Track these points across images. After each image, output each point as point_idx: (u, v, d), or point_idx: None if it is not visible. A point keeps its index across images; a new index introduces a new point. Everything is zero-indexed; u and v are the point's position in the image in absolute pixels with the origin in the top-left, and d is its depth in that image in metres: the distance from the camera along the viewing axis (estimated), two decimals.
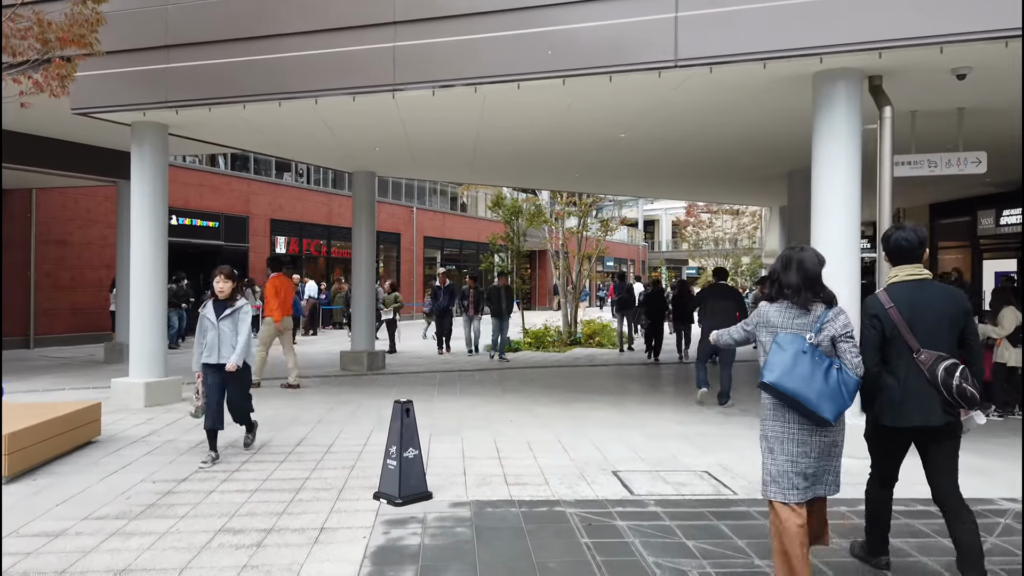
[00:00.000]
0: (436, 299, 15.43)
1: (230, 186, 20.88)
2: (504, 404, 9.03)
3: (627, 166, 12.00)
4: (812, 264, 3.41)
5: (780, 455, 3.37)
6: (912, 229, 3.65)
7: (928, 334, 3.49)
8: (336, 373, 11.97)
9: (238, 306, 6.25)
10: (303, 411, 8.44)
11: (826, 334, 3.36)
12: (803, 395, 3.23)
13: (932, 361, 3.45)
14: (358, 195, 12.77)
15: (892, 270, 3.68)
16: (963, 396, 3.38)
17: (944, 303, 3.55)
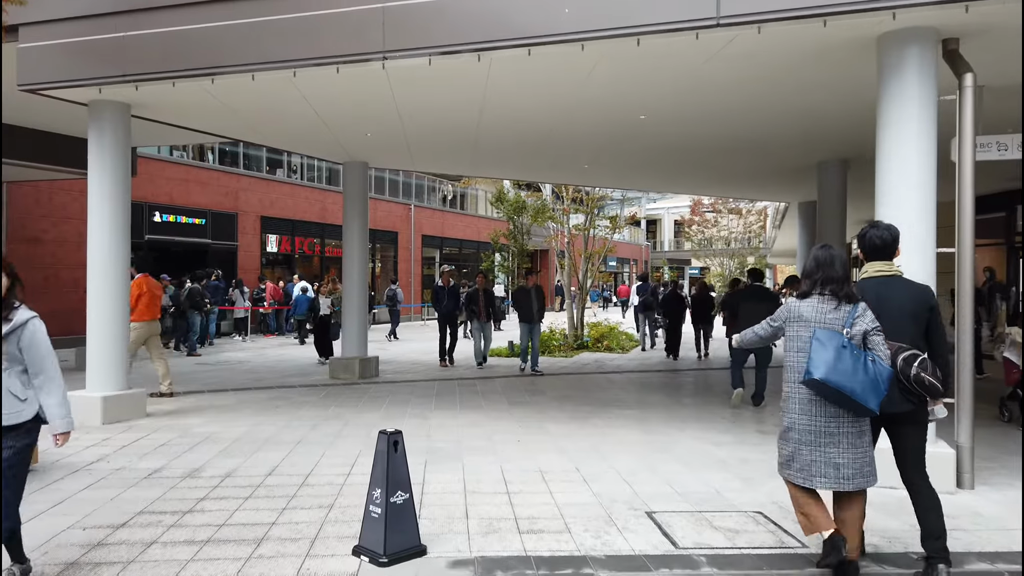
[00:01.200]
0: (439, 302, 13.14)
1: (218, 181, 19.84)
2: (510, 420, 8.00)
3: (643, 155, 10.97)
4: (841, 264, 3.64)
5: (814, 446, 3.53)
6: (886, 228, 3.84)
7: (892, 326, 3.66)
8: (325, 382, 10.93)
9: (20, 321, 3.46)
10: (283, 429, 7.41)
11: (859, 328, 3.52)
12: (849, 388, 3.36)
13: (894, 351, 3.60)
14: (350, 188, 11.74)
15: (864, 266, 3.91)
16: (921, 384, 3.53)
17: (908, 298, 3.77)
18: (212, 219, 19.51)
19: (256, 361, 13.89)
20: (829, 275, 3.61)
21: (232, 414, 8.19)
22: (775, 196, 16.49)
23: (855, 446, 3.51)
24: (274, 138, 10.40)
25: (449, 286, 13.24)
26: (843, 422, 3.51)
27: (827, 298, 3.58)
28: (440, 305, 13.12)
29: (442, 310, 13.09)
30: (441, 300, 13.13)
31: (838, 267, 3.62)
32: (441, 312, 13.10)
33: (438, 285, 13.57)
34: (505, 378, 11.54)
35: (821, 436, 3.53)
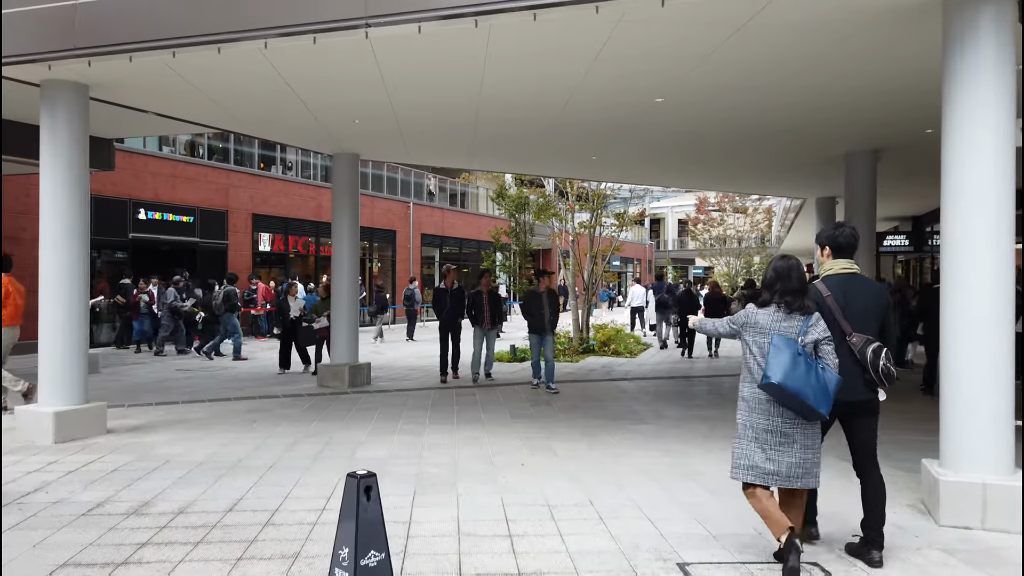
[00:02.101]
0: (440, 306, 11.22)
1: (207, 177, 19.01)
2: (512, 437, 7.16)
3: (656, 145, 10.13)
4: (799, 275, 3.76)
5: (767, 446, 3.71)
6: (852, 229, 4.10)
7: (858, 320, 3.87)
8: (311, 391, 10.10)
9: None
10: (256, 449, 6.57)
11: (811, 337, 3.70)
12: (804, 393, 3.54)
13: (862, 343, 3.80)
14: (339, 182, 10.90)
15: (827, 263, 4.11)
16: (886, 373, 3.76)
17: (871, 295, 3.99)
18: (200, 217, 18.69)
19: (242, 367, 13.05)
20: (787, 287, 3.77)
21: (202, 431, 7.36)
22: (792, 191, 15.64)
23: (807, 448, 3.73)
24: (256, 127, 9.57)
25: (452, 288, 11.25)
26: (797, 424, 3.72)
27: (783, 308, 3.76)
28: (441, 310, 11.21)
29: (444, 316, 11.19)
30: (443, 304, 11.16)
31: (795, 279, 3.78)
32: (442, 319, 11.22)
33: (439, 287, 11.63)
34: (506, 387, 10.70)
35: (777, 436, 3.72)
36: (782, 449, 3.71)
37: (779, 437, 3.71)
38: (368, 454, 6.42)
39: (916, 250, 20.18)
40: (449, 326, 11.15)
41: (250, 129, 9.71)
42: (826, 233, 4.19)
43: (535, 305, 10.25)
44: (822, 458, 3.96)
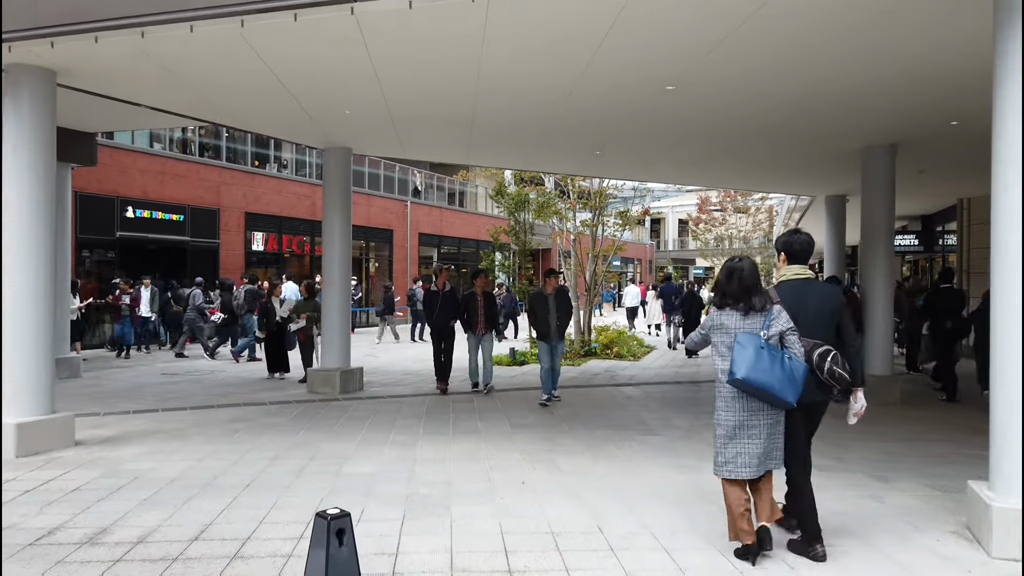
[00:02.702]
0: (430, 308, 10.14)
1: (198, 175, 18.49)
2: (512, 450, 6.65)
3: (664, 139, 9.62)
4: (750, 274, 3.95)
5: (737, 439, 3.92)
6: (807, 236, 4.24)
7: (808, 324, 4.00)
8: (300, 397, 9.59)
9: None
10: (235, 463, 6.06)
11: (775, 329, 3.90)
12: (768, 384, 3.73)
13: (809, 348, 3.94)
14: (331, 178, 10.39)
15: (782, 269, 4.25)
16: (832, 376, 3.90)
17: (822, 299, 4.13)
18: (191, 215, 18.16)
19: (231, 371, 12.55)
20: (730, 290, 3.96)
21: (178, 442, 6.85)
22: (802, 189, 15.13)
23: (771, 436, 3.93)
24: (241, 119, 9.05)
25: (445, 290, 10.23)
26: (761, 416, 3.90)
27: (740, 307, 3.92)
28: (432, 313, 10.16)
29: (435, 321, 10.13)
30: (433, 308, 10.13)
31: (748, 278, 3.93)
32: (434, 324, 10.19)
33: (431, 288, 10.53)
34: (506, 392, 10.19)
35: (743, 429, 3.90)
36: (750, 442, 3.92)
37: (745, 430, 3.91)
38: (355, 470, 5.91)
39: (926, 250, 19.70)
40: (440, 331, 10.16)
41: (235, 121, 9.19)
42: (782, 240, 4.29)
43: (541, 308, 9.12)
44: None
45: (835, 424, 8.17)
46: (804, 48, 5.95)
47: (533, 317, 9.29)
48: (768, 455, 3.94)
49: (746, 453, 3.90)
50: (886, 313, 9.76)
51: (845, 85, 7.03)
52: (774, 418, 3.93)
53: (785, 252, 4.23)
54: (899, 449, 6.83)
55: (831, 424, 8.07)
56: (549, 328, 9.09)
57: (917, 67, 6.41)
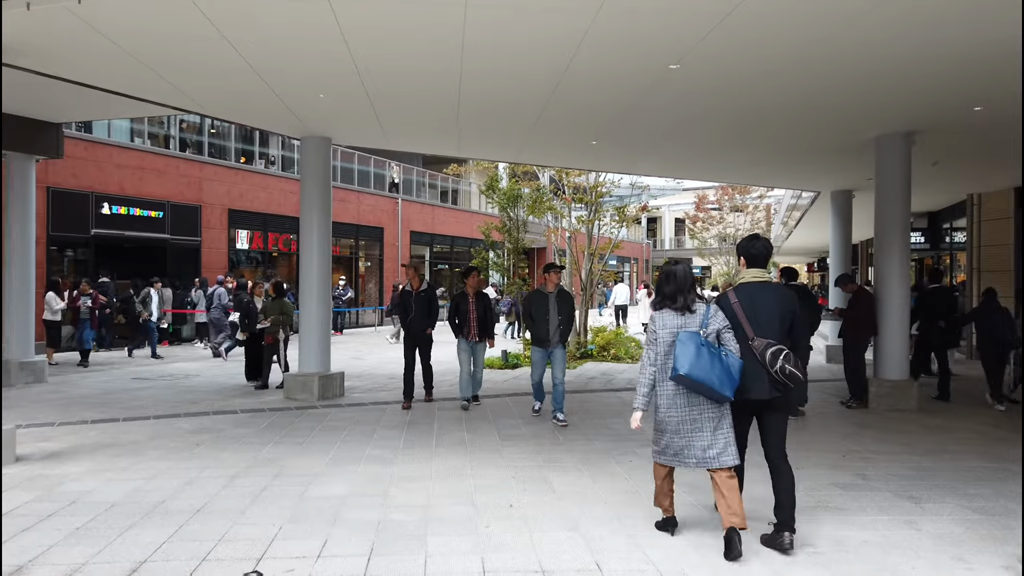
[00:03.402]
0: (405, 312, 8.81)
1: (178, 170, 17.79)
2: (501, 465, 6.01)
3: (665, 127, 8.98)
4: (683, 276, 4.25)
5: (682, 434, 4.12)
6: (765, 240, 4.41)
7: (763, 325, 4.18)
8: (275, 405, 8.93)
9: None
10: (189, 483, 5.41)
11: (713, 328, 4.14)
12: (709, 380, 3.94)
13: (763, 347, 4.10)
14: (308, 168, 9.75)
15: (743, 272, 4.42)
16: (783, 373, 4.04)
17: (778, 301, 4.26)
18: (171, 211, 17.46)
19: (207, 374, 11.89)
20: (679, 287, 4.21)
21: (131, 458, 6.19)
22: (807, 183, 14.51)
23: (717, 429, 4.09)
24: (208, 103, 8.37)
25: (419, 290, 8.80)
26: (704, 411, 4.09)
27: (677, 307, 4.18)
28: (406, 317, 8.80)
29: (409, 326, 8.78)
30: (408, 310, 8.80)
31: (681, 281, 4.21)
32: (406, 328, 8.85)
33: (404, 288, 8.99)
34: (496, 398, 9.55)
35: (687, 424, 4.09)
36: (695, 436, 4.11)
37: (689, 425, 4.11)
38: (323, 491, 5.26)
39: (932, 248, 19.13)
40: (415, 337, 8.77)
41: (204, 107, 8.52)
42: (742, 245, 4.47)
43: (539, 309, 7.89)
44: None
45: (856, 435, 7.59)
46: (810, 29, 5.32)
47: (530, 319, 8.01)
48: (723, 450, 4.09)
49: (691, 446, 4.11)
50: (901, 314, 9.14)
51: (860, 68, 6.42)
52: (718, 413, 4.12)
53: (745, 256, 4.44)
54: (926, 463, 6.22)
55: (851, 435, 7.49)
56: (548, 332, 7.86)
57: (940, 46, 5.79)
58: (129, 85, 7.41)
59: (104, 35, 5.77)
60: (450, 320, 8.68)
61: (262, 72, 6.84)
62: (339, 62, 6.46)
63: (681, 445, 4.14)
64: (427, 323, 8.77)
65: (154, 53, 6.36)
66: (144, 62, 6.55)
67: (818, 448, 6.80)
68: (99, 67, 6.73)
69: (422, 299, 8.75)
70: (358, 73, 6.76)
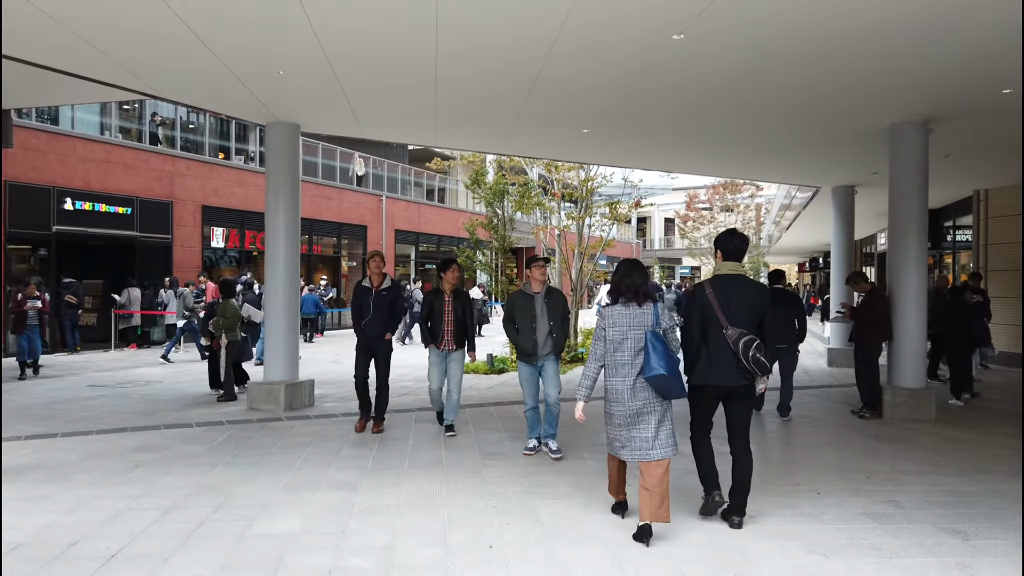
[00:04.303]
0: (359, 313, 7.28)
1: (147, 164, 16.91)
2: (482, 492, 5.25)
3: (664, 113, 8.23)
4: (641, 272, 4.40)
5: (632, 426, 4.29)
6: (742, 236, 4.65)
7: (736, 316, 4.38)
8: (236, 416, 8.13)
9: None
10: (115, 517, 4.61)
11: (664, 324, 4.34)
12: (677, 379, 4.19)
13: (736, 336, 4.32)
14: (274, 159, 8.95)
15: (719, 265, 4.63)
16: (756, 363, 4.28)
17: (751, 294, 4.49)
18: (141, 208, 16.58)
19: (169, 381, 11.05)
20: (632, 282, 4.38)
21: (55, 484, 5.38)
22: (808, 178, 13.81)
23: (660, 424, 4.29)
24: (160, 85, 7.55)
25: (380, 287, 7.32)
26: (649, 407, 4.28)
27: (632, 302, 4.35)
28: (360, 320, 7.29)
29: (364, 329, 7.25)
30: (362, 311, 7.28)
31: (637, 276, 4.39)
32: (362, 334, 7.28)
33: (362, 284, 7.45)
34: (479, 408, 8.78)
35: (634, 418, 4.29)
36: (640, 428, 4.27)
37: (636, 418, 4.27)
38: (270, 527, 4.48)
39: (934, 247, 18.50)
40: (369, 344, 7.27)
41: (156, 88, 7.68)
42: (720, 239, 4.66)
43: (523, 313, 6.37)
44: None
45: (876, 451, 6.81)
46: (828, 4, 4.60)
47: (511, 326, 6.51)
48: (664, 442, 4.27)
49: (637, 438, 4.27)
50: (918, 317, 8.45)
51: (876, 47, 5.71)
52: (662, 408, 4.30)
53: (722, 250, 4.63)
54: (962, 486, 5.51)
55: (870, 451, 6.67)
56: (535, 342, 6.30)
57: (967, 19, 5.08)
58: (66, 62, 6.59)
59: (35, 5, 4.96)
60: (421, 324, 7.23)
61: (219, 52, 6.06)
62: (302, 42, 5.69)
63: (627, 437, 4.31)
64: (386, 326, 7.33)
65: (96, 28, 5.56)
66: (82, 36, 5.75)
67: (837, 467, 6.08)
68: (32, 41, 5.90)
69: (383, 299, 7.28)
70: (320, 46, 5.96)
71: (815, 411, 8.83)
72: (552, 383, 6.39)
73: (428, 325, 7.13)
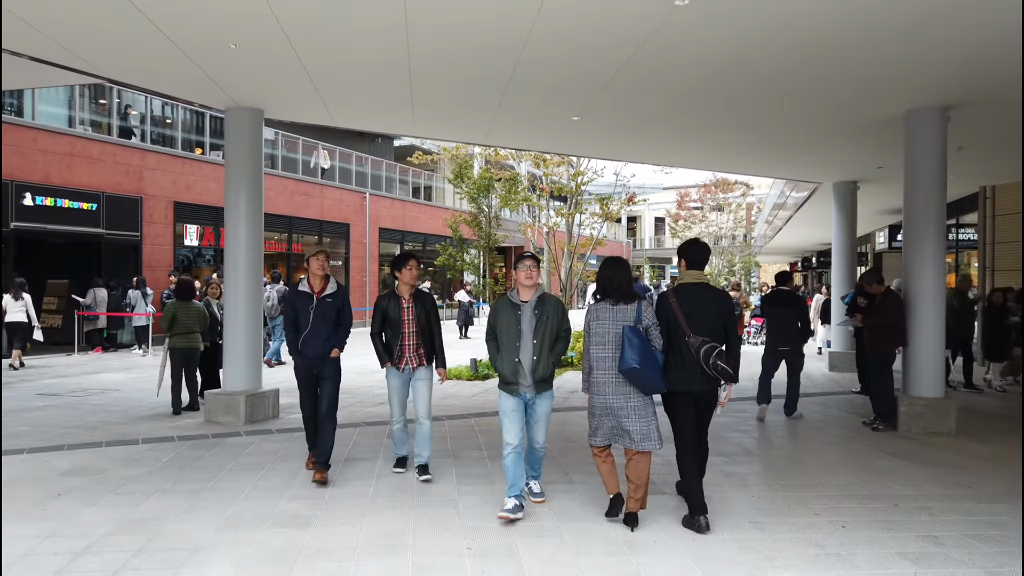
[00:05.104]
0: (294, 327, 5.53)
1: (114, 157, 16.07)
2: (454, 527, 4.51)
3: (662, 96, 7.52)
4: (625, 270, 4.49)
5: (609, 417, 4.40)
6: (704, 245, 4.85)
7: (699, 323, 4.47)
8: (191, 431, 7.35)
9: None
10: (9, 567, 3.84)
11: (646, 322, 4.40)
12: (651, 374, 4.25)
13: (698, 344, 4.40)
14: (233, 146, 8.17)
15: (683, 273, 4.76)
16: (717, 370, 4.35)
17: (713, 302, 4.58)
18: (107, 204, 15.74)
19: (126, 389, 10.26)
20: (616, 281, 4.45)
21: None
22: (809, 172, 13.13)
23: (642, 417, 4.36)
24: (102, 62, 6.76)
25: (323, 293, 5.54)
26: (631, 400, 4.37)
27: (613, 300, 4.42)
28: (297, 336, 5.51)
29: (300, 347, 5.52)
30: (301, 324, 5.50)
31: (621, 275, 4.47)
32: (299, 354, 5.55)
33: (299, 288, 5.60)
34: (459, 420, 8.04)
35: (617, 411, 4.37)
36: (623, 420, 4.37)
37: (620, 411, 4.37)
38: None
39: None
40: (309, 367, 5.54)
41: (95, 66, 6.88)
42: (683, 249, 4.79)
43: (508, 327, 4.76)
44: None
45: (899, 471, 5.97)
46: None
47: (492, 343, 4.89)
48: (646, 435, 4.33)
49: (620, 428, 4.37)
50: (936, 320, 7.78)
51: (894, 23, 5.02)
52: (643, 402, 4.38)
53: (685, 259, 4.75)
54: (1002, 515, 4.84)
55: (893, 471, 5.84)
56: (515, 367, 4.69)
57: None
58: (8, 37, 5.80)
59: None
60: (374, 336, 5.60)
61: (159, 23, 5.28)
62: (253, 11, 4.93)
63: (610, 426, 4.42)
64: (330, 344, 5.50)
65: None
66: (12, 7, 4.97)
67: (859, 491, 5.38)
68: None
69: (327, 308, 5.49)
70: (277, 21, 5.21)
71: (824, 422, 8.16)
72: (541, 427, 4.88)
73: (383, 339, 5.56)
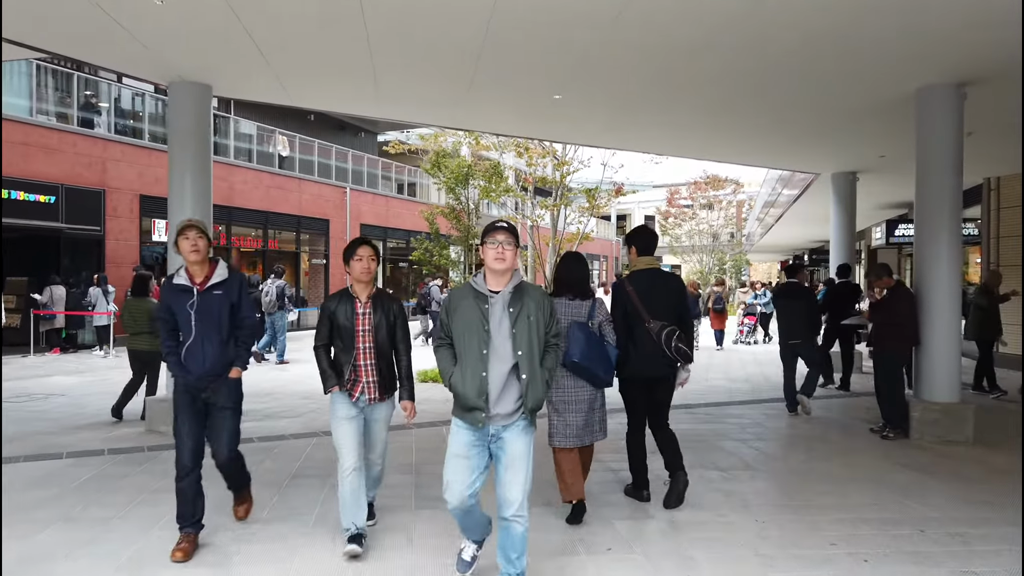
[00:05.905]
0: (172, 332, 3.98)
1: (74, 147, 15.20)
2: (407, 565, 3.77)
3: (653, 73, 6.79)
4: (583, 266, 4.52)
5: (565, 414, 4.39)
6: (651, 231, 5.02)
7: (657, 309, 4.59)
8: (127, 442, 6.58)
9: None
10: None
11: (598, 319, 4.44)
12: (594, 366, 4.25)
13: (658, 328, 4.54)
14: (176, 126, 7.40)
15: (634, 260, 4.84)
16: (678, 352, 4.53)
17: (667, 286, 4.75)
18: (66, 196, 14.86)
19: (73, 394, 9.46)
20: (573, 278, 4.45)
21: None
22: (806, 162, 12.45)
23: (591, 410, 4.42)
24: (22, 30, 5.97)
25: (205, 284, 3.98)
26: (580, 394, 4.38)
27: (570, 297, 4.41)
28: (177, 343, 3.97)
29: (186, 362, 3.95)
30: (183, 329, 3.96)
31: (576, 271, 4.47)
32: (180, 367, 3.96)
33: (173, 283, 4.00)
34: (429, 428, 7.30)
35: (571, 405, 4.38)
36: (576, 415, 4.38)
37: (572, 406, 4.38)
38: None
39: None
40: (194, 388, 3.97)
41: (18, 33, 6.09)
42: (631, 236, 4.92)
43: (469, 326, 3.26)
44: None
45: (918, 488, 5.20)
46: None
47: (445, 348, 3.41)
48: (589, 428, 4.44)
49: (573, 425, 4.38)
50: (950, 318, 7.10)
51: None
52: (592, 394, 4.43)
53: (636, 247, 4.85)
54: None
55: (911, 487, 5.04)
56: (480, 385, 3.21)
57: None
58: None
59: None
60: (316, 350, 4.15)
61: None
62: None
63: (564, 423, 4.39)
64: (225, 358, 4.02)
65: None
66: None
67: (877, 515, 4.68)
68: None
69: (212, 304, 3.96)
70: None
71: (827, 428, 7.49)
72: (519, 475, 3.20)
73: (329, 353, 4.14)
